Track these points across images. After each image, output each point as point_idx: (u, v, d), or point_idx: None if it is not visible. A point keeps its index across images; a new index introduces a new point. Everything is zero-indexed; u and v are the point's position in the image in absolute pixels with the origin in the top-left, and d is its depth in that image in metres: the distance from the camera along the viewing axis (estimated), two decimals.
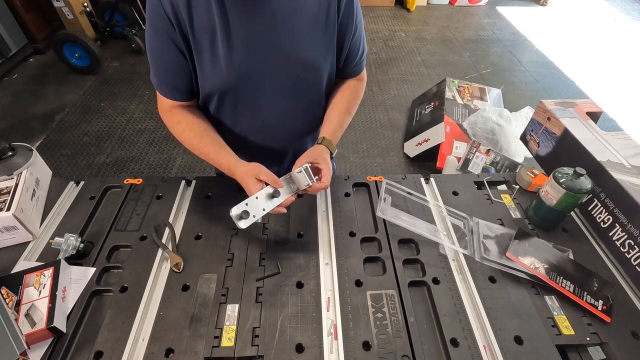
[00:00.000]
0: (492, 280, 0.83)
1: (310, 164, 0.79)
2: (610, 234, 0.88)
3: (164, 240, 0.87)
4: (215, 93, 0.85)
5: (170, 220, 0.92)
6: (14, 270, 0.80)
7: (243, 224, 0.73)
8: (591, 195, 0.93)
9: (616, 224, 0.86)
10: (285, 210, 0.80)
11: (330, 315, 0.75)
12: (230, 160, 0.83)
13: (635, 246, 0.81)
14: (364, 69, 0.97)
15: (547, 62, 3.79)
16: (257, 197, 0.75)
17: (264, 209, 0.76)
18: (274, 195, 0.77)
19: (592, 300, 0.78)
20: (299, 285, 0.80)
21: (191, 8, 0.73)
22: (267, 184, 0.78)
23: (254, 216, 0.74)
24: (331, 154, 0.87)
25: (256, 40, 0.78)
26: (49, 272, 0.75)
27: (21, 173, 0.89)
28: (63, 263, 0.78)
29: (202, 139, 0.85)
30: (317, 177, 0.81)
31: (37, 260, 0.83)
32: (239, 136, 0.94)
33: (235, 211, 0.73)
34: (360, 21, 0.86)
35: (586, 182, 0.84)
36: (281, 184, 0.78)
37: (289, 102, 0.89)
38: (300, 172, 0.78)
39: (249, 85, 0.83)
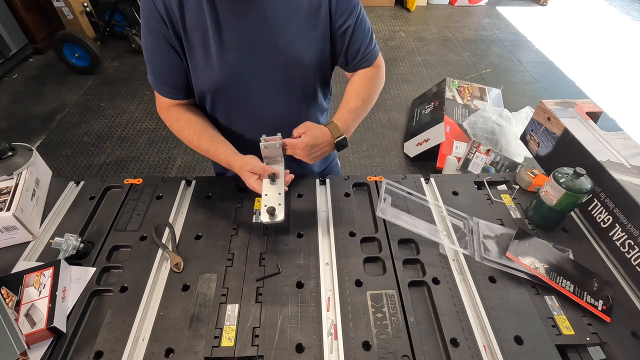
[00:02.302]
0: (492, 280, 0.83)
1: (264, 135, 0.82)
2: (610, 234, 0.88)
3: (164, 240, 0.87)
4: (208, 91, 0.86)
5: (170, 220, 0.92)
6: (14, 270, 0.80)
7: (281, 215, 0.76)
8: (591, 195, 0.93)
9: (616, 224, 0.86)
10: (291, 177, 0.84)
11: (330, 315, 0.75)
12: (228, 155, 0.85)
13: (635, 246, 0.81)
14: (378, 57, 0.95)
15: (547, 62, 3.79)
16: (266, 194, 0.79)
17: (279, 193, 0.79)
18: (274, 178, 0.80)
19: (592, 300, 0.78)
20: (299, 285, 0.80)
21: (183, 7, 0.74)
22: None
23: (280, 204, 0.77)
24: (337, 139, 0.85)
25: (247, 38, 0.78)
26: (49, 272, 0.75)
27: (21, 173, 0.89)
28: (63, 263, 0.78)
29: (200, 136, 0.87)
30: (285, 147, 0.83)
31: (37, 260, 0.83)
32: (235, 134, 0.95)
33: (264, 216, 0.76)
34: (358, 13, 0.85)
35: (586, 182, 0.84)
36: (271, 169, 0.80)
37: (283, 99, 0.90)
38: (266, 147, 0.82)
39: (242, 83, 0.84)
